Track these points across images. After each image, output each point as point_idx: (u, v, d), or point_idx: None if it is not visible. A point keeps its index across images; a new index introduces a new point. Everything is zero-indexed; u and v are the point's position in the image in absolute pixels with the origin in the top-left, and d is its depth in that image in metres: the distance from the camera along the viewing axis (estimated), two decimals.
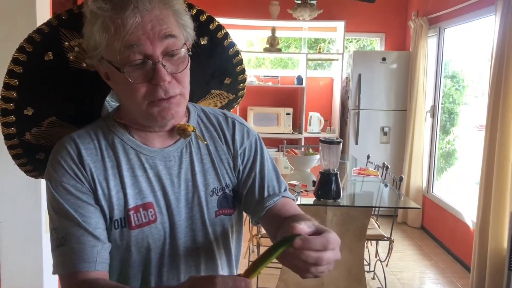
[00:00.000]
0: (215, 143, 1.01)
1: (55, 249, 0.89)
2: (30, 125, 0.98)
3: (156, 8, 0.84)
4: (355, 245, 2.86)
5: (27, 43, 0.92)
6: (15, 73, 0.92)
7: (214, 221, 0.99)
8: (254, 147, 1.04)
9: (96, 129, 0.96)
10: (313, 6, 4.36)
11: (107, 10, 0.82)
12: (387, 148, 5.22)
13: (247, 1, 4.99)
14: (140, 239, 0.92)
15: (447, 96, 4.81)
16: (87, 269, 0.87)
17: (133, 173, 0.93)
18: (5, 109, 0.94)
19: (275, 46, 5.31)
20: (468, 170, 4.34)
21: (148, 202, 0.93)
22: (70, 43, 0.93)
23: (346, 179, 3.53)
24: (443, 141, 4.89)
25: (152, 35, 0.83)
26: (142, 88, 0.86)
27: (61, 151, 0.91)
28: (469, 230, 3.83)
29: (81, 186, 0.90)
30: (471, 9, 3.94)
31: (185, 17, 0.90)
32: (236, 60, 1.12)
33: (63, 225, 0.88)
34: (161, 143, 0.97)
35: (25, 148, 1.01)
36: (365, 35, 5.83)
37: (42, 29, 0.93)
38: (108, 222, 0.91)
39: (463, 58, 4.57)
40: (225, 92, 1.18)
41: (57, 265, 0.89)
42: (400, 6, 5.53)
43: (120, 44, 0.83)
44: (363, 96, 5.13)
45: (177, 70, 0.88)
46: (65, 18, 0.93)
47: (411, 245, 4.50)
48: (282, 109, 5.39)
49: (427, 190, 4.85)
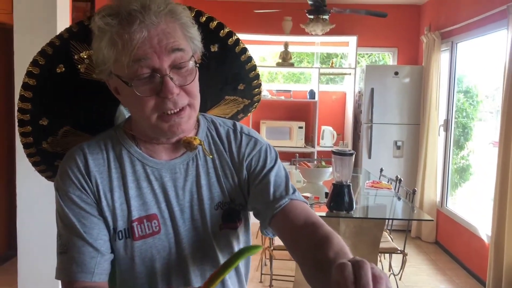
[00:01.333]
0: (221, 157, 1.01)
1: (59, 254, 0.92)
2: (46, 135, 1.02)
3: (163, 22, 0.84)
4: (368, 257, 2.84)
5: (40, 56, 0.94)
6: (29, 86, 0.95)
7: (219, 235, 0.99)
8: (263, 156, 1.03)
9: (106, 140, 0.98)
10: (326, 21, 4.41)
11: (114, 26, 0.83)
12: (400, 162, 5.20)
13: (260, 17, 5.06)
14: (143, 250, 0.94)
15: (461, 110, 4.79)
16: (84, 279, 0.89)
17: (138, 185, 0.95)
18: (21, 120, 0.98)
19: (288, 60, 5.37)
20: (483, 185, 4.30)
21: (152, 213, 0.94)
22: (80, 55, 0.95)
23: (359, 192, 3.52)
24: (457, 156, 4.86)
25: (159, 49, 0.84)
26: (150, 101, 0.86)
27: (69, 162, 0.94)
28: (484, 244, 3.79)
29: (86, 197, 0.92)
30: (483, 23, 3.95)
31: (192, 30, 0.90)
32: (249, 66, 1.11)
33: (66, 233, 0.91)
34: (168, 156, 0.98)
35: (43, 156, 1.05)
36: (377, 50, 5.86)
37: (53, 42, 0.94)
38: (112, 233, 0.93)
39: (476, 73, 4.57)
40: (239, 98, 1.18)
41: (59, 269, 0.92)
42: (412, 20, 5.56)
43: (128, 59, 0.83)
44: (376, 110, 5.14)
45: (185, 82, 0.88)
46: (75, 31, 0.94)
47: (425, 260, 4.45)
48: (295, 122, 5.41)
49: (441, 205, 4.81)
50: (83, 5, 3.97)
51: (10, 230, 3.85)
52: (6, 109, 3.94)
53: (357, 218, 2.77)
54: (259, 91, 1.21)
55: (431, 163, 4.84)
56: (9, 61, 2.20)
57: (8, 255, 3.92)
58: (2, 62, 3.92)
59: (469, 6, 4.24)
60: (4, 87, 3.93)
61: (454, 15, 4.54)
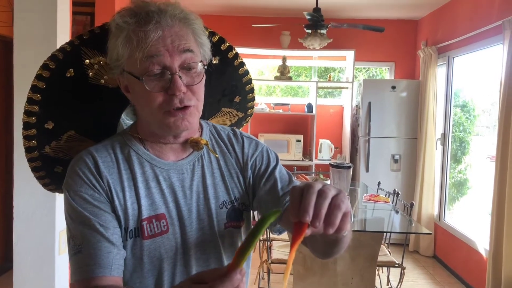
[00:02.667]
0: (225, 158, 1.05)
1: (72, 256, 0.92)
2: (50, 139, 1.03)
3: (177, 25, 0.90)
4: (366, 271, 2.83)
5: (50, 61, 0.97)
6: (38, 88, 0.97)
7: (224, 233, 1.01)
8: (266, 156, 1.08)
9: (113, 143, 1.00)
10: (323, 36, 4.44)
11: (131, 24, 0.88)
12: (398, 175, 5.21)
13: (258, 31, 5.10)
14: (152, 249, 0.95)
15: (458, 125, 4.82)
16: (103, 274, 0.89)
17: (147, 185, 0.97)
18: (27, 123, 0.99)
19: (286, 74, 5.40)
20: (480, 199, 4.30)
21: (160, 213, 0.96)
22: (90, 60, 0.99)
23: (357, 205, 3.52)
24: (454, 170, 4.87)
25: (172, 48, 0.89)
26: (158, 97, 0.90)
27: (79, 163, 0.95)
28: (482, 258, 3.78)
29: (99, 195, 0.93)
30: (479, 38, 4.00)
31: (203, 37, 0.96)
32: (246, 79, 1.17)
33: (80, 232, 0.91)
34: (175, 156, 1.01)
35: (44, 161, 1.05)
36: (374, 64, 5.91)
37: (64, 47, 0.98)
38: (123, 232, 0.94)
39: (473, 87, 4.60)
40: (234, 110, 1.23)
41: (74, 271, 0.91)
42: (409, 35, 5.61)
43: (141, 55, 0.88)
44: (373, 124, 5.16)
45: (193, 82, 0.92)
46: (86, 38, 0.98)
47: (423, 274, 4.43)
48: (293, 136, 5.43)
49: (439, 218, 4.81)
50: (83, 18, 4.00)
51: (6, 242, 3.83)
52: (4, 121, 3.95)
53: (355, 231, 2.76)
54: (253, 104, 1.27)
55: (428, 176, 4.85)
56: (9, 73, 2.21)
57: (4, 268, 3.89)
58: (2, 74, 3.94)
59: (465, 22, 4.29)
60: (4, 99, 3.95)
61: (451, 30, 4.59)
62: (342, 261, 2.80)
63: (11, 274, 2.32)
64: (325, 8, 4.49)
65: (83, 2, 3.61)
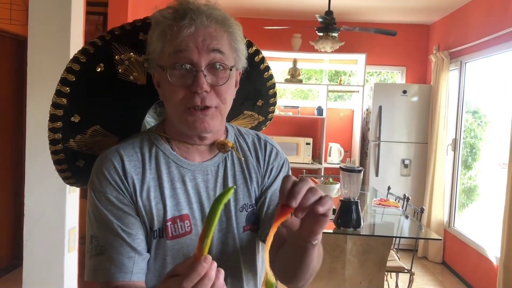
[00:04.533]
0: (248, 162, 1.05)
1: (94, 256, 0.92)
2: (75, 132, 1.02)
3: (212, 26, 0.90)
4: (374, 276, 2.81)
5: (81, 54, 0.97)
6: (68, 81, 0.98)
7: (242, 236, 1.01)
8: (280, 168, 1.07)
9: (140, 142, 0.99)
10: (335, 39, 4.43)
11: (169, 19, 0.90)
12: (407, 180, 5.17)
13: (270, 33, 5.10)
14: (176, 250, 0.95)
15: (469, 131, 4.77)
16: (123, 279, 0.90)
17: (172, 186, 0.96)
18: (54, 115, 0.99)
19: (296, 77, 5.39)
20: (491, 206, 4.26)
21: (184, 214, 0.96)
22: (121, 56, 0.99)
23: (366, 210, 3.50)
24: (464, 176, 4.83)
25: (201, 46, 0.89)
26: (181, 92, 0.91)
27: (105, 163, 0.95)
28: (493, 266, 3.73)
29: (123, 197, 0.93)
30: (492, 44, 3.96)
31: (239, 43, 0.96)
32: (270, 83, 1.18)
33: (103, 234, 0.92)
34: (201, 157, 1.01)
35: (67, 154, 1.05)
36: (386, 68, 5.88)
37: (95, 42, 0.98)
38: (149, 231, 0.94)
39: (485, 93, 4.56)
40: (256, 114, 1.23)
41: (95, 272, 0.92)
42: (421, 40, 5.58)
43: (171, 49, 0.89)
44: (384, 128, 5.13)
45: (217, 83, 0.91)
46: (117, 34, 0.99)
47: (432, 280, 4.39)
48: (302, 139, 5.41)
49: (449, 224, 4.77)
50: (96, 18, 4.03)
51: (16, 239, 3.86)
52: (16, 119, 3.99)
53: (364, 236, 2.74)
54: (274, 109, 1.27)
55: (438, 182, 4.81)
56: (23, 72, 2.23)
57: (14, 265, 3.92)
58: (16, 73, 3.98)
59: (478, 27, 4.26)
60: (16, 99, 3.98)
61: (463, 35, 4.56)
62: (350, 265, 2.78)
63: (20, 272, 2.33)
64: (337, 11, 4.48)
65: (96, 2, 3.64)
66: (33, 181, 2.25)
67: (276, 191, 1.03)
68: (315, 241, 0.82)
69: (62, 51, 2.19)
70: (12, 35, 3.89)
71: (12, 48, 3.98)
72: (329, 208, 0.76)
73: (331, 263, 2.82)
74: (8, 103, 4.00)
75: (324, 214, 0.76)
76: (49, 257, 2.29)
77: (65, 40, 2.20)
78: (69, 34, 2.21)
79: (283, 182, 0.76)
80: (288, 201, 0.73)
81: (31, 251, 2.29)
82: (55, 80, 0.99)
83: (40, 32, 2.20)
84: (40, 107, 2.17)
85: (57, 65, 2.26)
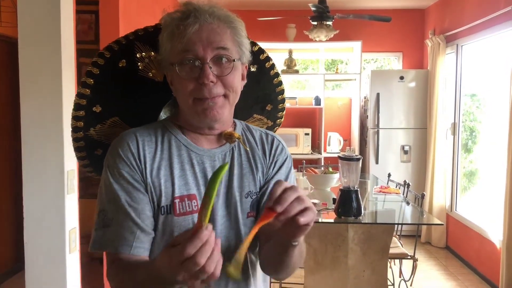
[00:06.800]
0: (254, 152, 1.11)
1: (101, 228, 0.99)
2: (96, 121, 1.12)
3: (215, 22, 0.98)
4: (377, 263, 2.81)
5: (106, 50, 1.08)
6: (92, 74, 1.07)
7: (246, 222, 1.05)
8: (283, 162, 1.13)
9: (155, 128, 1.07)
10: (329, 27, 4.40)
11: (176, 20, 0.98)
12: (408, 166, 5.16)
13: (264, 25, 5.06)
14: (183, 227, 1.00)
15: (467, 114, 4.76)
16: (123, 251, 0.97)
17: (182, 167, 1.03)
18: (78, 104, 1.09)
19: (293, 67, 5.37)
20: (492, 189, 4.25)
21: (192, 193, 1.02)
22: (142, 54, 1.09)
23: (367, 197, 3.49)
24: (465, 160, 4.82)
25: (206, 43, 0.96)
26: (190, 85, 0.98)
27: (121, 142, 1.02)
28: (496, 248, 3.74)
29: (134, 173, 1.00)
30: (488, 25, 3.93)
31: (242, 37, 1.02)
32: (279, 89, 1.26)
33: (111, 208, 0.99)
34: (209, 145, 1.07)
35: (87, 142, 1.14)
36: (382, 55, 5.85)
37: (120, 40, 1.09)
38: (156, 208, 1.00)
39: (483, 75, 4.53)
40: (265, 118, 1.31)
41: (100, 242, 0.99)
42: (417, 24, 5.54)
43: (179, 46, 0.96)
44: (382, 115, 5.12)
45: (223, 73, 0.98)
46: (141, 34, 1.09)
47: (436, 265, 4.40)
48: (301, 129, 5.40)
49: (451, 209, 4.77)
50: (88, 17, 4.00)
51: (18, 243, 3.86)
52: (12, 123, 3.97)
53: (365, 224, 2.74)
54: (282, 115, 1.35)
55: (439, 167, 4.80)
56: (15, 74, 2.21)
57: (17, 268, 3.92)
58: (8, 75, 3.96)
59: (473, 9, 4.23)
60: (11, 101, 3.96)
61: (458, 18, 4.53)
62: (353, 254, 2.78)
63: (23, 275, 2.33)
64: None
65: (87, 1, 3.61)
66: (31, 184, 2.24)
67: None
68: (295, 243, 0.90)
69: (53, 52, 2.17)
70: (3, 37, 3.86)
71: (4, 50, 3.96)
72: (311, 220, 0.83)
73: (333, 253, 2.81)
74: (4, 105, 3.98)
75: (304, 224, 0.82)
76: (50, 258, 2.28)
77: (56, 41, 2.18)
78: (60, 35, 2.19)
79: (274, 187, 0.82)
80: (274, 206, 0.80)
81: (32, 253, 2.29)
82: (47, 81, 1.03)
83: (30, 33, 2.18)
84: (33, 108, 2.16)
85: (48, 66, 2.25)
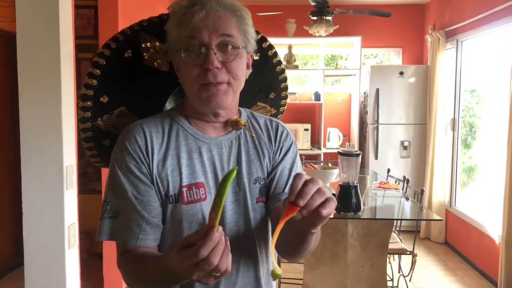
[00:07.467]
0: (260, 139, 1.12)
1: (108, 218, 1.01)
2: (103, 112, 1.13)
3: (221, 10, 0.99)
4: (377, 259, 2.82)
5: (112, 41, 1.09)
6: (99, 64, 1.09)
7: (255, 207, 1.07)
8: (289, 147, 1.15)
9: (161, 118, 1.08)
10: (329, 22, 4.39)
11: (183, 7, 0.99)
12: (407, 162, 5.16)
13: (263, 20, 5.05)
14: (191, 215, 1.01)
15: (467, 109, 4.75)
16: (130, 243, 1.00)
17: (189, 156, 1.04)
18: (85, 95, 1.10)
19: (292, 63, 5.35)
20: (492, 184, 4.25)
21: (200, 182, 1.03)
22: (147, 44, 1.11)
23: (367, 193, 3.49)
24: (465, 155, 4.82)
25: (212, 30, 0.97)
26: (195, 70, 0.99)
27: (127, 135, 1.03)
28: (495, 244, 3.74)
29: (141, 166, 1.01)
30: (488, 21, 3.92)
31: (248, 26, 1.03)
32: (282, 77, 1.28)
33: (118, 200, 1.01)
34: (215, 133, 1.09)
35: (95, 132, 1.15)
36: (382, 50, 5.84)
37: (125, 31, 1.11)
38: (164, 198, 1.02)
39: (484, 71, 4.52)
40: (268, 106, 1.32)
41: (107, 232, 1.01)
42: (416, 19, 5.53)
43: (186, 33, 0.98)
44: (382, 111, 5.11)
45: (227, 60, 0.99)
46: (145, 25, 1.11)
47: (435, 261, 4.40)
48: (300, 125, 5.39)
49: (450, 204, 4.77)
50: (86, 11, 3.99)
51: (18, 238, 3.86)
52: (11, 119, 3.96)
53: (365, 219, 2.74)
54: (285, 102, 1.37)
55: (438, 162, 4.80)
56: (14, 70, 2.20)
57: (17, 263, 3.93)
58: (7, 70, 3.94)
59: (473, 4, 4.21)
60: (9, 96, 3.95)
61: (459, 13, 4.51)
62: (352, 249, 2.78)
63: (22, 270, 2.33)
64: None
65: None
66: (30, 180, 2.24)
67: (285, 168, 1.11)
68: (314, 230, 0.90)
69: (51, 47, 2.16)
70: (1, 32, 3.85)
71: (2, 45, 3.94)
72: (332, 210, 0.83)
73: (333, 248, 2.81)
74: (3, 100, 3.97)
75: None
76: (49, 254, 2.28)
77: (54, 35, 2.17)
78: (58, 29, 2.18)
79: (295, 181, 0.82)
80: (296, 200, 0.80)
81: (32, 249, 2.29)
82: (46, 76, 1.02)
83: (29, 28, 2.17)
84: (32, 103, 2.15)
85: (47, 61, 2.24)
